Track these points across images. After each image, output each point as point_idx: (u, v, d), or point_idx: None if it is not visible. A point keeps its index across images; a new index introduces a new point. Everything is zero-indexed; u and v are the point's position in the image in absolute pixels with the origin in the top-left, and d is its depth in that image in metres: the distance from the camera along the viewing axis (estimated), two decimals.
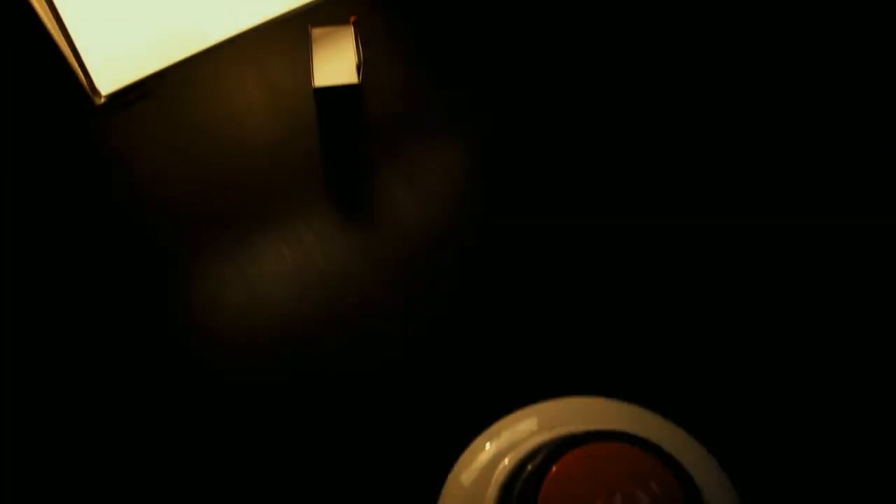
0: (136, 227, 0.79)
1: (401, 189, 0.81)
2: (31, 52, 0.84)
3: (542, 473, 0.47)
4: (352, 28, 0.84)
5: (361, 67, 0.82)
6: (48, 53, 0.71)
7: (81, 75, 0.70)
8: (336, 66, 0.81)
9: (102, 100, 0.72)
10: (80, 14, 0.65)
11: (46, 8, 0.64)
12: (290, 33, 0.86)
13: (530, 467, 0.49)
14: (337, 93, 0.81)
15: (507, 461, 0.53)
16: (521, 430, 0.57)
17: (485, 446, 0.58)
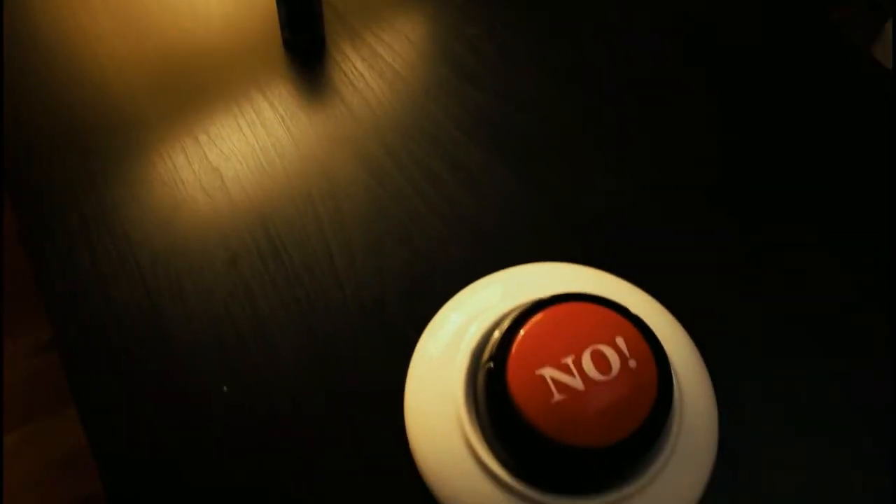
0: (85, 99, 0.74)
1: (363, 64, 0.77)
2: None
3: (512, 335, 0.47)
4: None
5: None
6: None
7: None
8: None
9: None
10: None
11: None
12: None
13: (498, 333, 0.49)
14: None
15: (474, 328, 0.53)
16: (486, 298, 0.57)
17: (450, 317, 0.57)
